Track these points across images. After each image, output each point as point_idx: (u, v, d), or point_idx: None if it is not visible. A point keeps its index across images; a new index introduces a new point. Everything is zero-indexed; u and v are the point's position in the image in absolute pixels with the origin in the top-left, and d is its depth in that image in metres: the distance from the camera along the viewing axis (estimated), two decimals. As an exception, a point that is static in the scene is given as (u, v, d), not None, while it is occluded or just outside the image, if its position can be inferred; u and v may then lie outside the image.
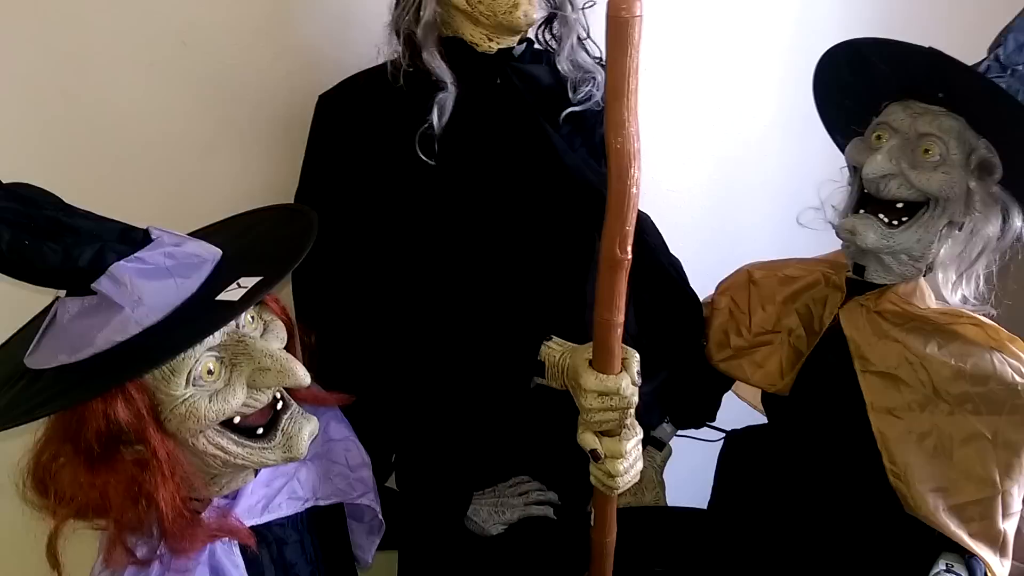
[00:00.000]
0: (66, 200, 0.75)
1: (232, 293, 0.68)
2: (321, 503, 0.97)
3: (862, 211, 1.06)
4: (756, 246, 1.49)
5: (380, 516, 1.06)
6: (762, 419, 1.34)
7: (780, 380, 1.20)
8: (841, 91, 1.13)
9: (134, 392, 0.69)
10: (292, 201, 1.18)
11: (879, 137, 1.05)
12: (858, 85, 1.09)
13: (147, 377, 0.71)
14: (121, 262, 0.69)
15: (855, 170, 1.08)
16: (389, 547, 1.18)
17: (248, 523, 0.86)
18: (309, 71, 1.29)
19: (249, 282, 0.69)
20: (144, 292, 0.69)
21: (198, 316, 0.69)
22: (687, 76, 1.77)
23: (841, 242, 1.13)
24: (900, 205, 1.04)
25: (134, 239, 0.72)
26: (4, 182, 0.73)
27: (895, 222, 1.04)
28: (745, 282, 1.28)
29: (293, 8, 1.28)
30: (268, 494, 0.90)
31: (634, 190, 0.84)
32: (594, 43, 1.20)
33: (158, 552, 0.76)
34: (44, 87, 1.12)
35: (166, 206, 1.25)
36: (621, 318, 0.92)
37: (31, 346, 0.73)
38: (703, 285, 1.35)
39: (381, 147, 1.10)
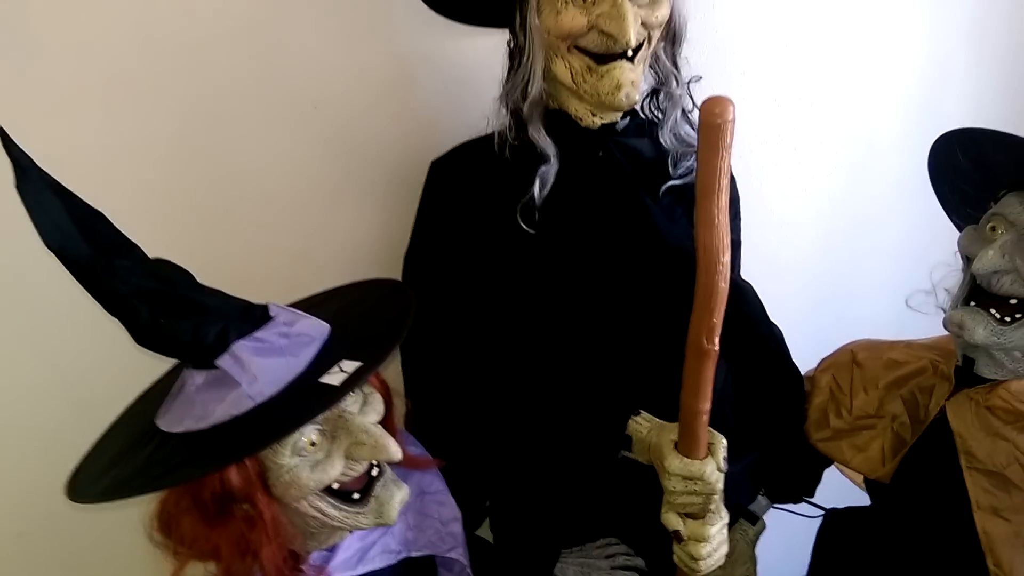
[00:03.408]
0: (203, 247, 0.84)
1: (334, 377, 0.75)
2: (414, 555, 1.03)
3: (972, 303, 1.02)
4: (870, 316, 1.45)
5: (468, 570, 1.11)
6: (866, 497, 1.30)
7: (881, 467, 1.16)
8: (956, 175, 1.09)
9: (246, 461, 0.76)
10: (403, 257, 1.26)
11: (993, 228, 1.00)
12: (974, 172, 1.05)
13: None
14: (241, 341, 0.77)
15: (968, 259, 1.04)
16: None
17: (344, 575, 0.92)
18: (424, 134, 1.36)
19: (350, 366, 0.76)
20: (259, 370, 0.76)
21: (304, 396, 0.76)
22: (807, 131, 1.74)
23: (950, 332, 1.08)
24: (1014, 301, 0.99)
25: (254, 316, 0.80)
26: (149, 257, 0.82)
27: (1007, 318, 0.99)
28: (848, 362, 1.24)
29: (412, 76, 1.36)
30: (363, 548, 0.96)
31: (722, 284, 0.85)
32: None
33: (261, 601, 0.83)
34: (184, 146, 1.23)
35: (291, 255, 1.35)
36: (707, 406, 0.92)
37: (162, 408, 0.82)
38: (810, 353, 1.33)
39: (485, 215, 1.15)
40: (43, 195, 0.76)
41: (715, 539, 1.00)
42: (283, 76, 1.27)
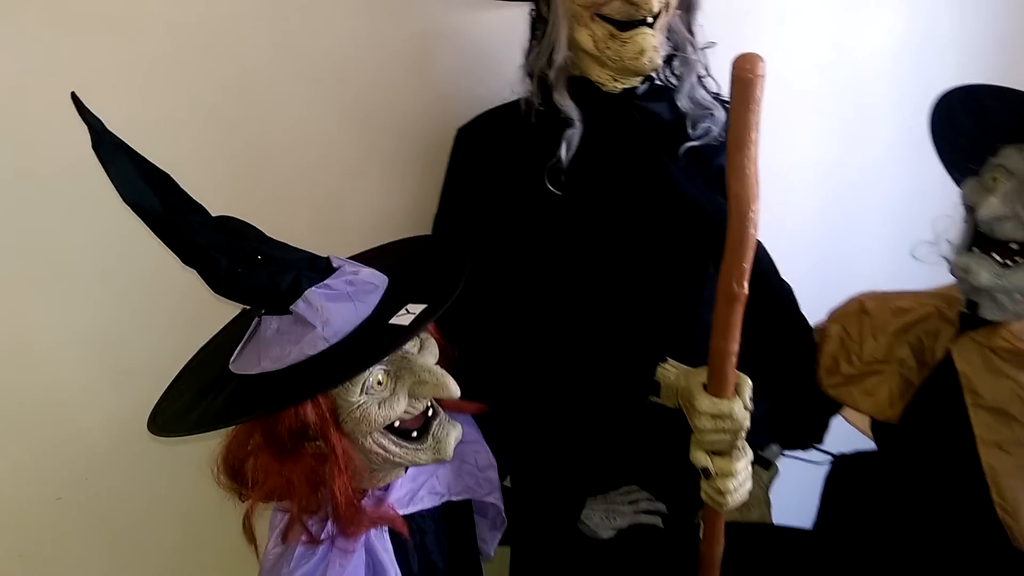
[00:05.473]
0: (235, 213, 0.89)
1: (403, 318, 0.81)
2: (454, 499, 1.09)
3: (976, 249, 1.09)
4: (868, 273, 1.52)
5: (503, 514, 1.17)
6: (870, 444, 1.37)
7: (890, 409, 1.23)
8: (957, 131, 1.16)
9: (320, 398, 0.82)
10: (431, 223, 1.31)
11: (995, 179, 1.07)
12: (974, 127, 1.12)
13: None
14: (313, 288, 0.83)
15: (970, 209, 1.11)
16: (508, 543, 1.29)
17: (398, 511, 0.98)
18: (445, 105, 1.42)
19: (416, 308, 0.82)
20: (331, 314, 0.82)
21: (375, 337, 0.82)
22: (803, 101, 1.81)
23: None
24: (1014, 245, 1.06)
25: (320, 267, 0.86)
26: (212, 215, 0.87)
27: (1008, 262, 1.06)
28: (857, 311, 1.31)
29: (432, 50, 1.41)
30: (413, 488, 1.02)
31: (752, 230, 0.91)
32: (713, 80, 1.27)
33: (328, 533, 0.89)
34: (222, 121, 1.28)
35: (316, 223, 1.40)
36: (736, 347, 0.99)
37: (235, 355, 0.88)
38: (814, 308, 1.40)
39: (513, 177, 1.21)
40: (117, 155, 0.81)
41: (741, 474, 1.06)
42: (309, 53, 1.31)
